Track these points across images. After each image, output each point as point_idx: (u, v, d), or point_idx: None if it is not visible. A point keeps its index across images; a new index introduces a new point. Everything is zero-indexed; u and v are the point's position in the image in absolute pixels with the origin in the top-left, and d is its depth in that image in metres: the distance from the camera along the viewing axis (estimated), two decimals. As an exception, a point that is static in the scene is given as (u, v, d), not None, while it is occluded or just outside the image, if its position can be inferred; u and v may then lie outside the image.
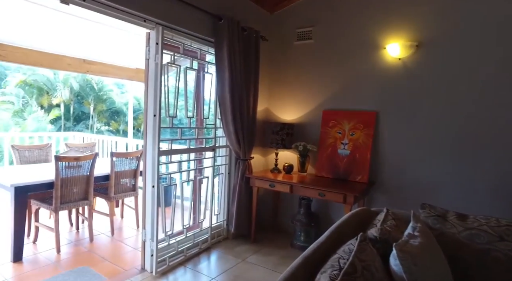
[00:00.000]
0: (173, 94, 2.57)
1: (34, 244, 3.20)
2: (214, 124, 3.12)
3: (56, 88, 15.72)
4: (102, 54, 4.33)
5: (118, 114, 18.80)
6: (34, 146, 3.89)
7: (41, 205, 3.06)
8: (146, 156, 2.49)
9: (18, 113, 15.15)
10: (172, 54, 2.59)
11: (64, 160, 2.94)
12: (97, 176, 3.31)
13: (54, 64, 3.93)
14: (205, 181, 3.11)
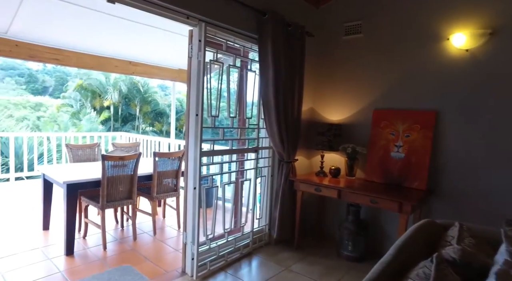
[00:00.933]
0: (215, 93, 2.49)
1: (84, 239, 3.31)
2: (257, 125, 3.00)
3: (107, 91, 16.76)
4: (147, 56, 4.42)
5: (161, 115, 19.58)
6: (85, 145, 4.06)
7: (90, 202, 3.15)
8: (188, 157, 2.43)
9: (75, 115, 16.38)
10: (215, 51, 2.51)
11: (110, 159, 2.99)
12: (140, 176, 3.35)
13: (103, 66, 4.09)
14: (247, 184, 3.00)
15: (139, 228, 3.64)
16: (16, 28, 3.16)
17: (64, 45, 3.62)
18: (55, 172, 3.19)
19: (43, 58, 3.51)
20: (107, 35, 3.59)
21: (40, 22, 3.16)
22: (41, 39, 3.44)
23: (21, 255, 2.90)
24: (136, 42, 3.90)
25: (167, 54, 4.47)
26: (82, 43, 3.71)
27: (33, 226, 3.56)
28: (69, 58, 3.69)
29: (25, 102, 19.62)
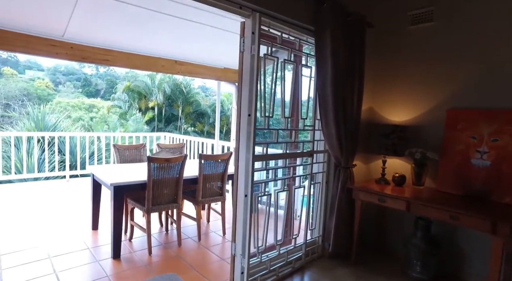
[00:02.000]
0: (268, 91, 2.25)
1: (130, 242, 3.26)
2: (312, 126, 2.71)
3: (152, 92, 17.40)
4: (192, 55, 4.32)
5: (203, 116, 19.93)
6: (131, 146, 4.05)
7: (136, 205, 3.08)
8: (239, 161, 2.21)
9: (122, 116, 17.22)
10: (269, 44, 2.27)
11: (156, 162, 2.88)
12: (185, 179, 3.21)
13: (150, 66, 4.05)
14: (300, 191, 2.72)
15: (183, 232, 3.52)
16: (71, 31, 3.18)
17: (114, 46, 3.61)
18: (103, 173, 3.17)
19: (95, 59, 3.53)
20: (154, 34, 3.52)
21: (92, 24, 3.16)
22: (92, 41, 3.46)
23: (73, 254, 2.90)
24: (182, 40, 3.80)
25: (213, 53, 4.34)
26: (130, 43, 3.68)
27: (83, 225, 3.60)
28: (118, 59, 3.69)
29: (81, 104, 21.10)
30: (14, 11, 2.84)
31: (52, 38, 3.22)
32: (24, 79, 24.19)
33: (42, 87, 22.94)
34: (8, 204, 4.33)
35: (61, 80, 28.10)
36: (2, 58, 29.66)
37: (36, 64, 31.82)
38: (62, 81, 27.70)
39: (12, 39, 3.06)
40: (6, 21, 2.97)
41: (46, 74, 28.65)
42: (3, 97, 17.64)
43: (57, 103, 19.81)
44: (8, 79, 21.72)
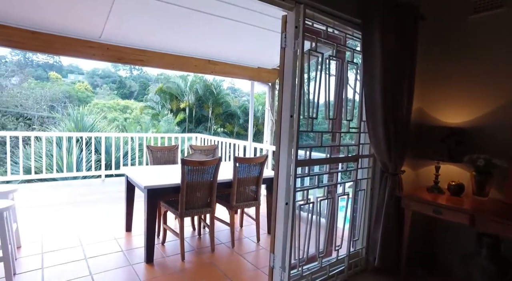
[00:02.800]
0: (312, 89, 2.06)
1: (163, 245, 3.19)
2: (358, 128, 2.48)
3: (183, 93, 17.71)
4: (226, 54, 4.22)
5: (232, 116, 20.01)
6: (164, 147, 4.01)
7: (169, 208, 3.00)
8: (279, 166, 2.04)
9: (155, 117, 17.68)
10: (313, 40, 2.08)
11: (190, 164, 2.78)
12: (219, 182, 3.09)
13: (183, 66, 3.99)
14: (343, 199, 2.50)
15: (216, 237, 3.41)
16: (108, 32, 3.19)
17: (148, 46, 3.59)
18: (137, 175, 3.12)
19: (130, 60, 3.52)
20: (188, 33, 3.45)
21: (127, 24, 3.15)
22: (128, 41, 3.45)
23: (107, 257, 2.87)
24: (216, 39, 3.70)
25: (247, 52, 4.21)
26: (163, 43, 3.64)
27: (118, 226, 3.59)
28: (152, 59, 3.66)
29: (116, 105, 21.96)
30: (55, 14, 2.87)
31: (90, 39, 3.24)
32: (67, 83, 25.64)
33: (81, 89, 24.17)
34: (50, 201, 4.46)
35: (99, 82, 29.55)
36: (49, 63, 31.73)
37: (77, 68, 33.73)
38: (100, 84, 29.13)
39: (52, 41, 3.10)
40: (46, 24, 3.01)
41: (85, 77, 30.26)
42: (48, 100, 18.72)
43: (94, 105, 20.75)
44: (54, 83, 23.12)
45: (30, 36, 3.04)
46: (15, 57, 29.40)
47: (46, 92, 19.18)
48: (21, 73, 21.04)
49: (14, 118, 16.22)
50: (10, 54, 29.05)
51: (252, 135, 5.13)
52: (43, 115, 17.63)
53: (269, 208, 3.63)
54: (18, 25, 2.99)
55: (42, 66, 30.29)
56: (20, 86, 18.54)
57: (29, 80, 20.95)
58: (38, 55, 32.36)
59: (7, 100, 16.46)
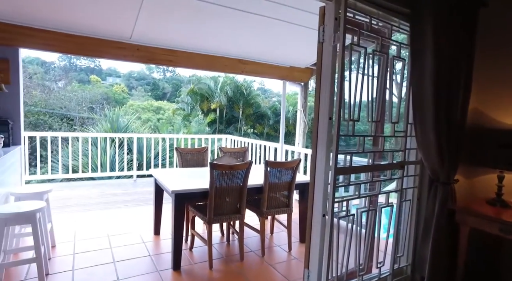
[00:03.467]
0: (353, 88, 1.84)
1: (191, 251, 3.09)
2: (404, 131, 2.22)
3: (214, 95, 17.88)
4: (257, 53, 4.07)
5: (262, 117, 19.90)
6: (194, 149, 3.93)
7: (197, 213, 2.89)
8: (316, 173, 1.84)
9: (186, 117, 18.00)
10: (355, 33, 1.86)
11: (219, 169, 2.65)
12: (249, 187, 2.93)
13: (213, 66, 3.90)
14: (387, 210, 2.24)
15: (245, 244, 3.26)
16: (138, 33, 3.16)
17: (177, 46, 3.53)
18: (165, 177, 3.05)
19: (159, 60, 3.48)
20: (218, 31, 3.34)
21: (156, 23, 3.10)
22: (157, 42, 3.41)
23: (135, 261, 2.82)
24: (247, 37, 3.57)
25: (279, 50, 4.04)
26: (193, 42, 3.57)
27: (146, 228, 3.55)
28: (181, 59, 3.60)
29: (149, 106, 22.69)
30: (86, 16, 2.88)
31: (121, 40, 3.22)
32: (105, 85, 26.97)
33: (118, 91, 25.26)
34: (84, 201, 4.55)
35: (134, 84, 30.81)
36: (90, 67, 33.70)
37: (115, 71, 35.48)
38: (135, 86, 30.37)
39: (84, 43, 3.12)
40: (79, 26, 3.02)
41: (122, 80, 31.71)
42: (88, 101, 19.70)
43: (130, 106, 21.55)
44: (94, 86, 24.40)
45: (65, 38, 3.07)
46: (62, 62, 31.60)
47: (86, 94, 20.24)
48: (66, 77, 22.43)
49: (59, 119, 17.21)
50: (58, 60, 31.19)
51: (283, 137, 4.94)
52: (84, 116, 18.57)
53: (301, 214, 3.42)
54: (54, 28, 3.03)
55: (84, 70, 32.19)
56: (64, 89, 19.69)
57: (72, 83, 22.24)
58: (81, 60, 34.51)
59: (53, 102, 17.50)
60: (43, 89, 17.87)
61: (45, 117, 16.70)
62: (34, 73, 20.33)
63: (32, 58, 26.41)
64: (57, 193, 4.84)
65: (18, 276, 2.53)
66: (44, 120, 16.58)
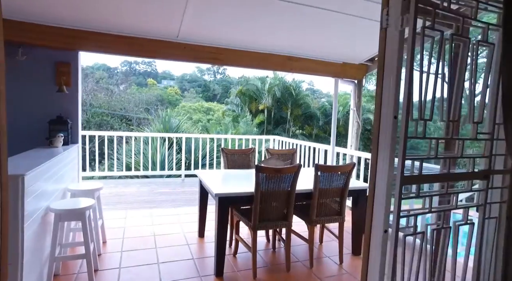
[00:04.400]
0: (424, 81, 1.53)
1: (234, 257, 2.96)
2: (490, 133, 1.83)
3: (262, 95, 17.86)
4: (307, 49, 3.82)
5: (311, 118, 19.42)
6: (240, 150, 3.82)
7: (242, 218, 2.75)
8: (377, 182, 1.56)
9: (235, 118, 18.24)
10: (430, 12, 1.54)
11: (265, 172, 2.47)
12: (297, 193, 2.71)
13: (260, 64, 3.74)
14: (464, 228, 1.87)
15: (292, 253, 3.04)
16: (184, 31, 3.12)
17: (224, 44, 3.43)
18: (210, 179, 2.96)
19: (205, 58, 3.42)
20: (265, 26, 3.18)
21: (203, 21, 3.02)
22: (204, 40, 3.35)
23: (178, 264, 2.77)
24: (296, 32, 3.35)
25: (331, 45, 3.75)
26: (239, 39, 3.45)
27: (191, 230, 3.51)
28: (228, 57, 3.51)
29: (200, 107, 23.50)
30: (134, 17, 2.90)
31: (167, 39, 3.21)
32: (160, 87, 28.62)
33: (172, 93, 26.60)
34: (134, 198, 4.71)
35: (186, 86, 32.32)
36: (148, 71, 36.18)
37: (169, 74, 37.60)
38: (187, 88, 31.84)
39: (131, 43, 3.16)
40: (126, 27, 3.07)
41: (175, 82, 33.46)
42: (144, 103, 20.99)
43: (182, 107, 22.52)
44: (150, 88, 26.01)
45: (116, 40, 3.14)
46: (124, 67, 34.42)
47: (143, 96, 21.60)
48: (126, 81, 24.25)
49: (119, 119, 18.56)
50: (120, 65, 34.04)
51: (335, 139, 4.62)
52: (140, 117, 19.78)
53: (354, 224, 3.11)
54: (108, 31, 3.11)
55: (143, 74, 34.59)
56: (124, 92, 21.21)
57: (132, 86, 23.92)
58: (139, 64, 37.19)
59: (115, 104, 18.93)
60: (107, 92, 19.44)
61: (107, 117, 18.10)
62: (100, 78, 22.31)
63: (100, 64, 29.16)
64: (111, 189, 5.08)
65: (73, 269, 2.61)
66: (106, 120, 17.97)
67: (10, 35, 2.89)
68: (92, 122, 17.28)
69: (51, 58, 3.25)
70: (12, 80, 3.19)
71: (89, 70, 24.44)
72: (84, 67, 24.74)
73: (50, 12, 2.81)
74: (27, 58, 3.17)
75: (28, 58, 3.17)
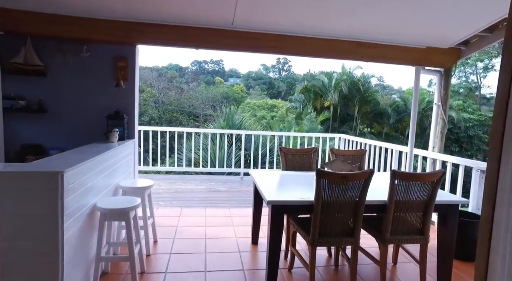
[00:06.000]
0: None
1: (289, 272, 2.60)
2: None
3: (328, 92, 17.01)
4: (381, 32, 3.23)
5: (381, 116, 17.95)
6: (300, 150, 3.42)
7: (298, 230, 2.36)
8: (497, 199, 1.04)
9: (298, 115, 17.73)
10: None
11: (328, 178, 2.05)
12: (366, 203, 2.22)
13: (326, 52, 3.27)
14: None
15: (358, 273, 2.55)
16: (239, 17, 2.83)
17: (284, 30, 3.05)
18: (264, 181, 2.63)
19: (263, 47, 3.09)
20: (331, 6, 2.70)
21: (260, 7, 2.69)
22: (261, 27, 3.02)
23: (227, 274, 2.53)
24: (367, 11, 2.81)
25: (411, 25, 3.11)
26: (301, 23, 3.02)
27: (245, 235, 3.23)
28: (289, 45, 3.12)
29: (264, 104, 23.53)
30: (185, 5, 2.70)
31: (222, 28, 2.96)
32: (227, 85, 29.51)
33: (238, 91, 27.16)
34: (190, 195, 4.64)
35: (252, 84, 32.81)
36: (215, 70, 37.78)
37: (236, 72, 38.69)
38: (252, 85, 32.31)
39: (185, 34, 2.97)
40: (179, 16, 2.89)
41: (242, 80, 34.23)
42: (211, 100, 21.76)
43: (246, 104, 22.78)
44: (217, 86, 26.96)
45: (167, 30, 3.00)
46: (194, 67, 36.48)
47: (209, 94, 22.41)
48: (195, 80, 25.52)
49: (187, 116, 19.51)
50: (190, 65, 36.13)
51: (413, 140, 3.90)
52: (206, 114, 20.53)
53: (442, 246, 2.47)
54: (162, 21, 2.98)
55: (211, 73, 36.18)
56: (193, 90, 22.27)
57: (201, 85, 25.08)
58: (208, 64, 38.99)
59: (184, 101, 19.96)
60: (177, 90, 20.60)
61: (177, 114, 19.13)
62: (171, 76, 23.81)
63: (173, 64, 31.33)
64: (170, 185, 5.10)
65: (122, 268, 2.53)
66: (176, 116, 19.00)
67: (72, 32, 2.93)
68: (163, 118, 18.42)
69: (110, 53, 3.26)
70: (77, 76, 3.29)
71: (163, 70, 26.34)
72: (159, 67, 26.78)
73: (106, 6, 2.77)
74: (90, 54, 3.21)
75: (90, 54, 3.22)
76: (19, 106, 3.20)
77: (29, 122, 3.28)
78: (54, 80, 3.26)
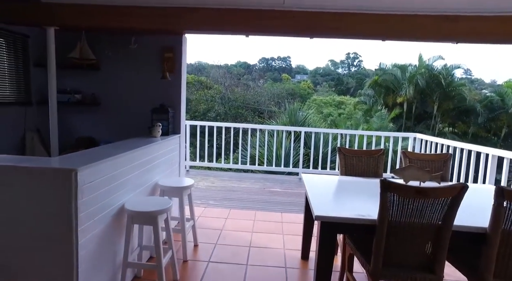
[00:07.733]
0: None
1: (343, 301, 2.11)
2: None
3: (401, 86, 15.34)
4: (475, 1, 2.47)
5: (467, 113, 15.62)
6: (363, 152, 2.85)
7: (356, 254, 1.87)
8: None
9: (367, 112, 16.39)
10: None
11: (397, 191, 1.52)
12: (455, 229, 1.61)
13: (399, 31, 2.59)
14: None
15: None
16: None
17: (345, 7, 2.51)
18: (315, 189, 2.17)
19: (321, 28, 2.59)
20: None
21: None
22: (317, 3, 2.52)
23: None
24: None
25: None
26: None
27: (295, 247, 2.81)
28: (351, 25, 2.56)
29: (331, 101, 22.54)
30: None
31: (271, 8, 2.55)
32: (293, 82, 29.07)
33: (304, 87, 26.51)
34: (241, 195, 4.35)
35: (319, 81, 31.83)
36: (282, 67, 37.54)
37: (303, 69, 37.97)
38: (320, 82, 31.34)
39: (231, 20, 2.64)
40: None
41: (308, 77, 33.46)
42: (276, 97, 21.58)
43: (312, 101, 22.06)
44: (284, 83, 26.71)
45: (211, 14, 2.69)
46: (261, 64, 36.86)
47: (275, 90, 22.27)
48: (263, 77, 25.66)
49: (252, 112, 19.63)
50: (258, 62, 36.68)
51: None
52: (271, 110, 20.37)
53: None
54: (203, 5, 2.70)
55: (278, 70, 36.03)
56: (259, 86, 22.39)
57: (268, 81, 25.11)
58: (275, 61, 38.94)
59: (249, 98, 20.15)
60: (243, 87, 20.89)
61: (242, 110, 19.35)
62: (238, 73, 24.29)
63: (241, 62, 32.09)
64: (224, 183, 4.91)
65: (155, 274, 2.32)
66: (241, 113, 19.23)
67: (122, 21, 2.83)
68: (229, 114, 18.78)
69: (157, 44, 3.13)
70: (126, 69, 3.23)
71: (231, 68, 27.04)
72: (228, 65, 27.58)
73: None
74: (138, 46, 3.12)
75: (138, 46, 3.12)
76: (75, 100, 3.27)
77: (83, 116, 3.33)
78: (106, 73, 3.25)
